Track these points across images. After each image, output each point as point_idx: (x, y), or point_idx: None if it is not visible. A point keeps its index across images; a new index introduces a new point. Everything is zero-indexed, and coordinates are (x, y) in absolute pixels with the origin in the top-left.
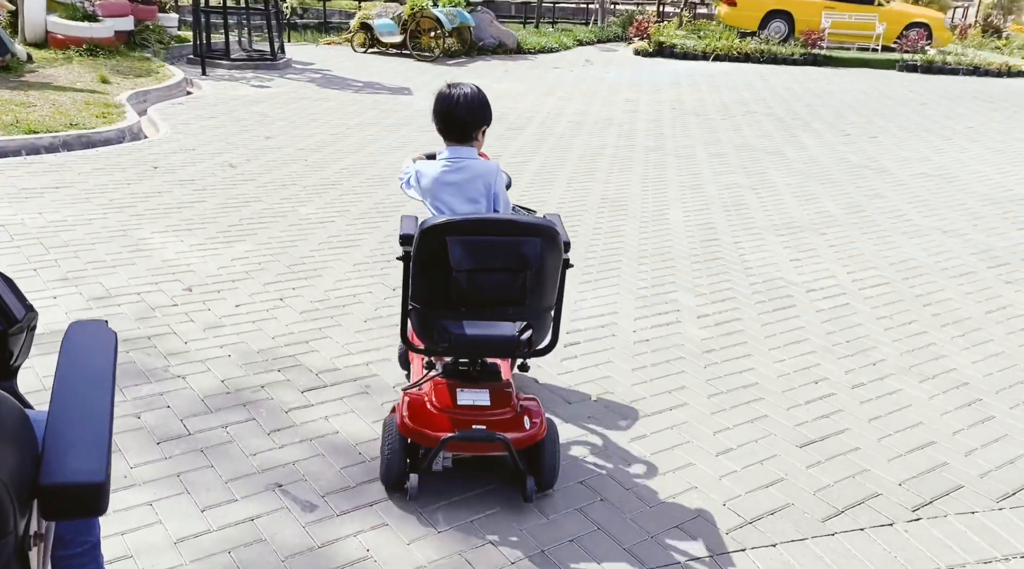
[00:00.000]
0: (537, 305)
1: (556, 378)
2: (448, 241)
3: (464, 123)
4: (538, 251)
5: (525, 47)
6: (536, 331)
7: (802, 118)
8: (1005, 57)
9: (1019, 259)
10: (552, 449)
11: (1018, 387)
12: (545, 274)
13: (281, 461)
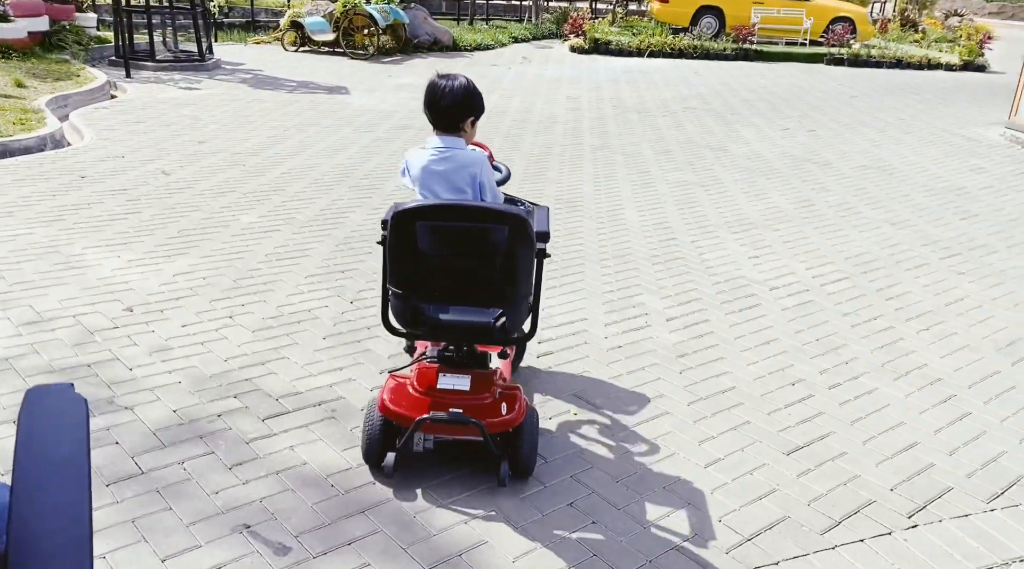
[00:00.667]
0: (511, 293)
1: (531, 394)
2: (417, 226)
3: (450, 113)
4: (506, 238)
5: (461, 44)
6: (511, 318)
7: (741, 113)
8: (924, 50)
9: (967, 249)
10: (529, 436)
11: (989, 381)
12: (516, 262)
13: (247, 498)
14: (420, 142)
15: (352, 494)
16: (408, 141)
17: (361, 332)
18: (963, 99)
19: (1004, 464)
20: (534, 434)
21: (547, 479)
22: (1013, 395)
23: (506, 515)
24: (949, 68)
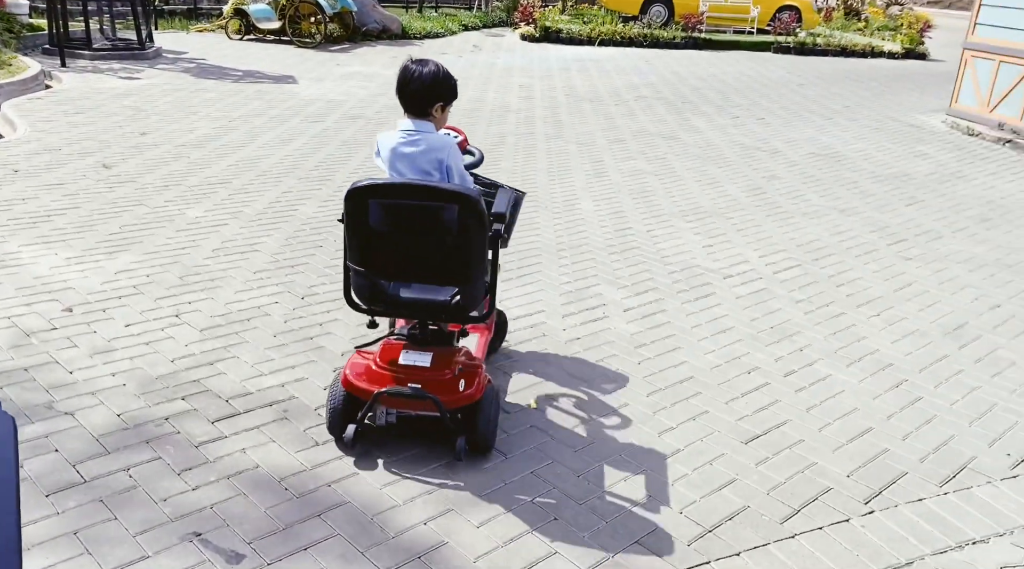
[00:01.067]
0: (464, 271)
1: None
2: (371, 204)
3: (418, 98)
4: (455, 217)
5: (410, 32)
6: (466, 297)
7: (691, 102)
8: (868, 38)
9: (913, 235)
10: (487, 413)
11: (937, 365)
12: (468, 241)
13: (197, 505)
14: (382, 128)
15: (307, 497)
16: (358, 131)
17: (313, 329)
18: (906, 86)
19: (955, 447)
20: (492, 410)
21: (507, 475)
22: (961, 379)
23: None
24: (891, 56)
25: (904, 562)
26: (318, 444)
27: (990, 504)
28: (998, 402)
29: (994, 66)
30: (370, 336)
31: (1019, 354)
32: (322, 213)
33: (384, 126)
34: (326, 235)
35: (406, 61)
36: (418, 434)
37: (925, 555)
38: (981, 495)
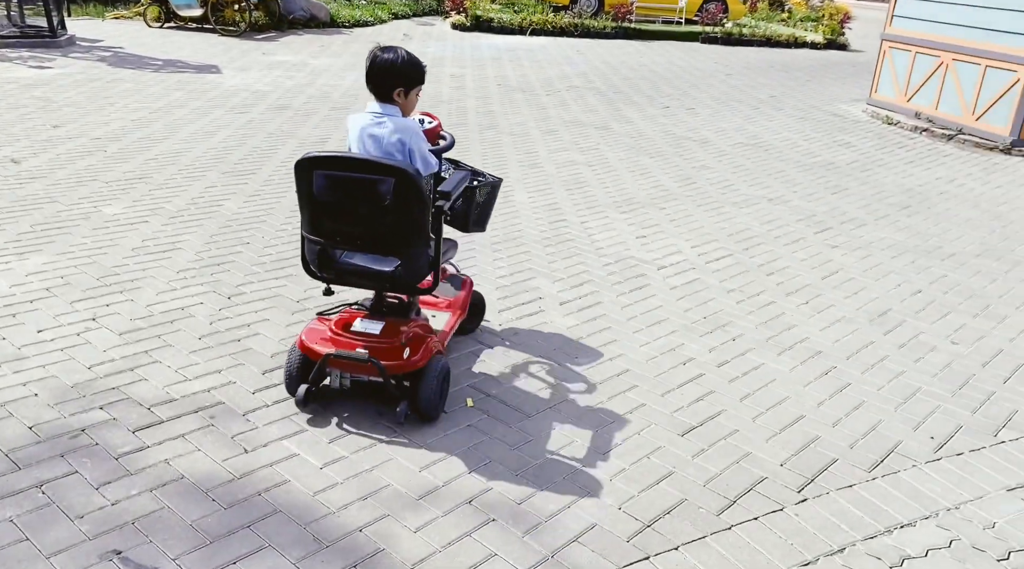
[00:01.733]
0: (403, 243)
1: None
2: (314, 174)
3: (376, 83)
4: (391, 189)
5: (339, 20)
6: (407, 269)
7: (623, 92)
8: (791, 29)
9: (839, 222)
10: (430, 381)
11: (864, 351)
12: (407, 213)
13: (117, 521)
14: (309, 119)
15: (237, 507)
16: (285, 122)
17: (241, 330)
18: (828, 76)
19: (882, 432)
20: (436, 380)
21: (444, 476)
22: (887, 364)
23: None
24: (814, 46)
25: (836, 549)
26: (247, 451)
27: (916, 487)
28: (921, 386)
29: (911, 57)
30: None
31: (940, 339)
32: (248, 208)
33: (311, 117)
34: (253, 231)
35: (373, 49)
36: (371, 397)
37: (856, 541)
38: (908, 479)
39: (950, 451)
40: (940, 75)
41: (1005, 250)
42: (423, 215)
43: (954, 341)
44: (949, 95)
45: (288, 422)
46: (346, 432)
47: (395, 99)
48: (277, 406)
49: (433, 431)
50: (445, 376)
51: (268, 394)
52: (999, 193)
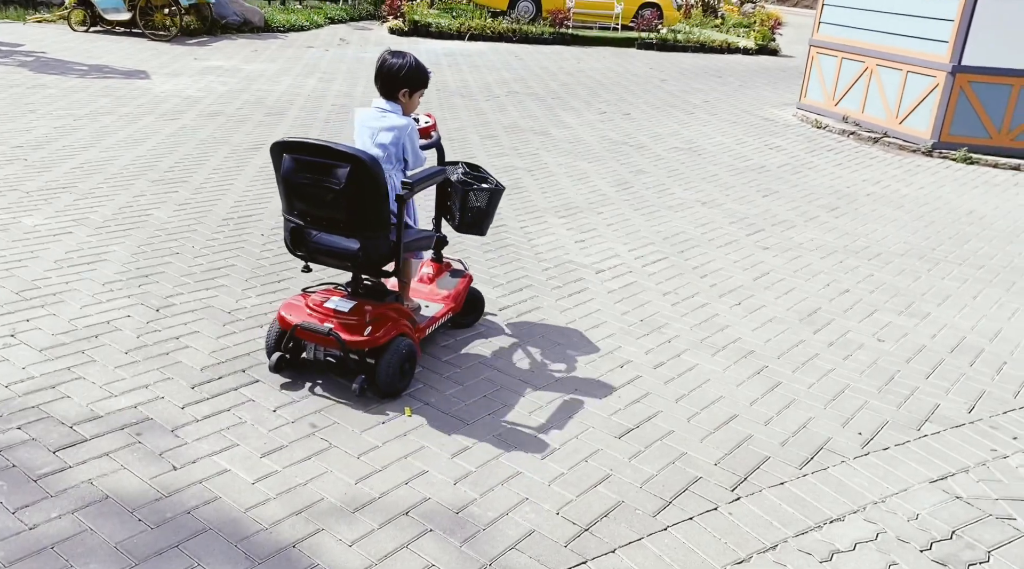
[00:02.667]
0: (362, 225)
1: (357, 397)
2: (284, 157)
3: (386, 83)
4: (346, 174)
5: (273, 25)
6: (368, 249)
7: (561, 97)
8: (724, 35)
9: (770, 225)
10: (390, 359)
11: (794, 351)
12: (362, 198)
13: (36, 545)
14: (243, 125)
15: (165, 526)
16: (218, 129)
17: (170, 343)
18: (760, 81)
19: (812, 429)
20: (395, 359)
21: (380, 486)
22: (816, 362)
23: None
24: (746, 52)
25: (769, 546)
26: (176, 468)
27: (845, 482)
28: (849, 383)
29: (837, 62)
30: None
31: (866, 336)
32: (178, 218)
33: (244, 123)
34: (183, 241)
35: (383, 52)
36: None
37: (788, 537)
38: (837, 474)
39: (877, 446)
40: (865, 80)
41: (927, 249)
42: (378, 200)
43: (880, 339)
44: (874, 99)
45: (219, 437)
46: (280, 446)
47: (399, 99)
48: (208, 421)
49: (370, 442)
50: (408, 357)
51: (198, 409)
52: (922, 194)
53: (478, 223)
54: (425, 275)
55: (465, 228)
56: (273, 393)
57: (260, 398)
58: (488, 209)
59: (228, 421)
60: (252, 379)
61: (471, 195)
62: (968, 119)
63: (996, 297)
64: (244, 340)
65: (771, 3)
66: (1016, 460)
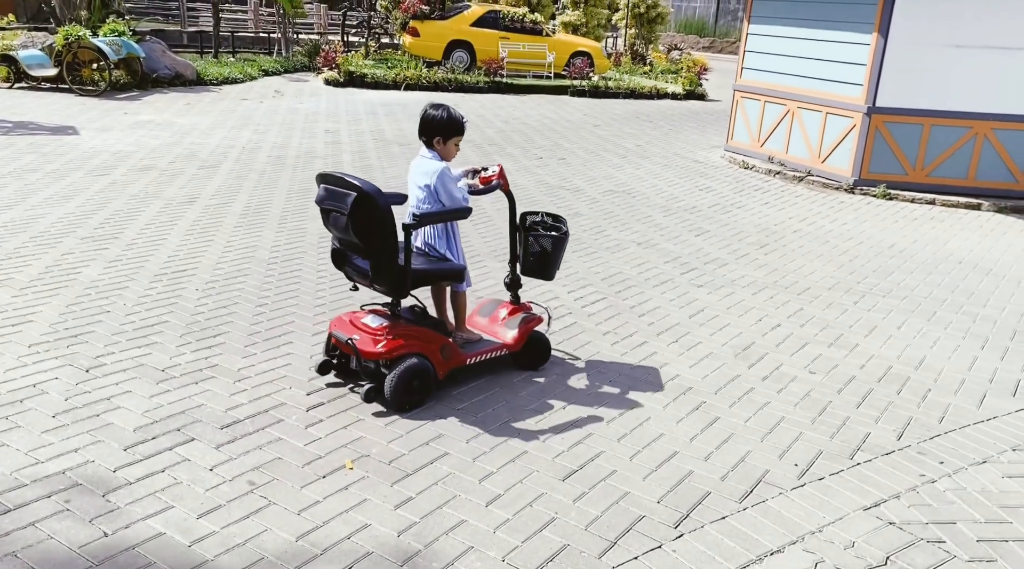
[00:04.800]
0: (369, 247)
1: (304, 449)
2: (320, 186)
3: (423, 133)
4: (351, 202)
5: (206, 78)
6: (375, 270)
7: (497, 143)
8: (654, 81)
9: (703, 263)
10: (397, 373)
11: (731, 385)
12: (368, 223)
13: None
14: (176, 178)
15: None
16: (150, 183)
17: (100, 404)
18: (689, 125)
19: (751, 462)
20: (400, 374)
21: (322, 542)
22: (752, 396)
23: None
24: (675, 97)
25: None
26: (107, 534)
27: (783, 514)
28: (784, 415)
29: (761, 105)
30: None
31: (799, 369)
32: (109, 275)
33: (178, 177)
34: (114, 299)
35: (426, 104)
36: None
37: None
38: (775, 506)
39: (812, 476)
40: (788, 122)
41: (853, 283)
42: (381, 228)
43: (812, 371)
44: (797, 140)
45: (154, 499)
46: (217, 505)
47: (435, 146)
48: (141, 483)
49: (310, 497)
50: (417, 375)
51: (131, 471)
52: (845, 229)
53: (541, 268)
54: (501, 314)
55: (529, 271)
56: (210, 452)
57: (196, 457)
58: (551, 255)
59: (163, 482)
60: (187, 438)
61: (532, 240)
62: (885, 157)
63: (919, 327)
64: (179, 398)
65: (697, 50)
66: (943, 484)
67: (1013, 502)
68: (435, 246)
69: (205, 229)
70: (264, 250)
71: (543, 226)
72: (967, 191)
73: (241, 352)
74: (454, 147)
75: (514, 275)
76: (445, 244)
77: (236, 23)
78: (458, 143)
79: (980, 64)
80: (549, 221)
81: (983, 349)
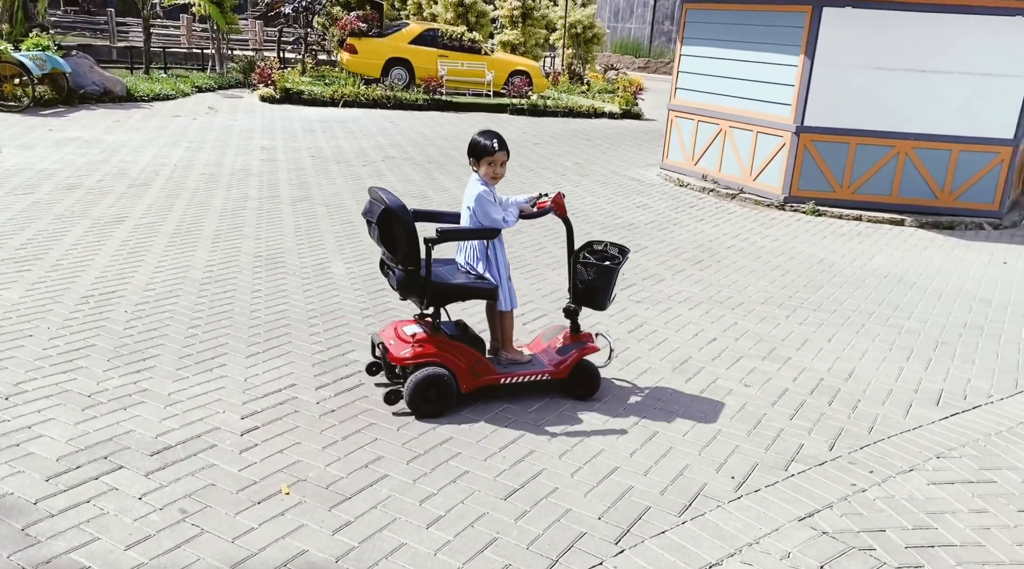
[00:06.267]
0: (396, 257)
1: (238, 475)
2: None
3: (469, 157)
4: (379, 213)
5: (136, 94)
6: (399, 280)
7: (437, 161)
8: (591, 101)
9: (641, 279)
10: (414, 379)
11: (669, 400)
12: (393, 234)
13: None
14: (104, 197)
15: None
16: (76, 202)
17: (21, 433)
18: (626, 144)
19: (689, 476)
20: (416, 380)
21: None
22: (690, 410)
23: None
24: (612, 116)
25: None
26: None
27: (721, 527)
28: (721, 429)
29: (695, 125)
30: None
31: (734, 382)
32: (31, 298)
33: (106, 196)
34: (37, 323)
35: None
36: None
37: None
38: (713, 519)
39: (749, 488)
40: (720, 141)
41: (785, 297)
42: (402, 241)
43: (747, 384)
44: (729, 158)
45: (78, 531)
46: (147, 536)
47: (475, 169)
48: (64, 515)
49: (245, 524)
50: (434, 385)
51: (53, 502)
52: (777, 245)
53: (590, 297)
54: (559, 340)
55: (578, 300)
56: (139, 480)
57: (124, 486)
58: (599, 285)
59: (88, 513)
60: (115, 466)
61: (581, 268)
62: (814, 175)
63: (848, 339)
64: (106, 424)
65: (633, 70)
66: (873, 493)
67: (938, 508)
68: (474, 266)
69: (135, 249)
70: (197, 270)
71: (602, 255)
72: (891, 207)
73: (172, 375)
74: (490, 167)
75: (570, 303)
76: (484, 265)
77: (168, 38)
78: (493, 163)
79: (900, 85)
80: (610, 251)
81: (908, 360)
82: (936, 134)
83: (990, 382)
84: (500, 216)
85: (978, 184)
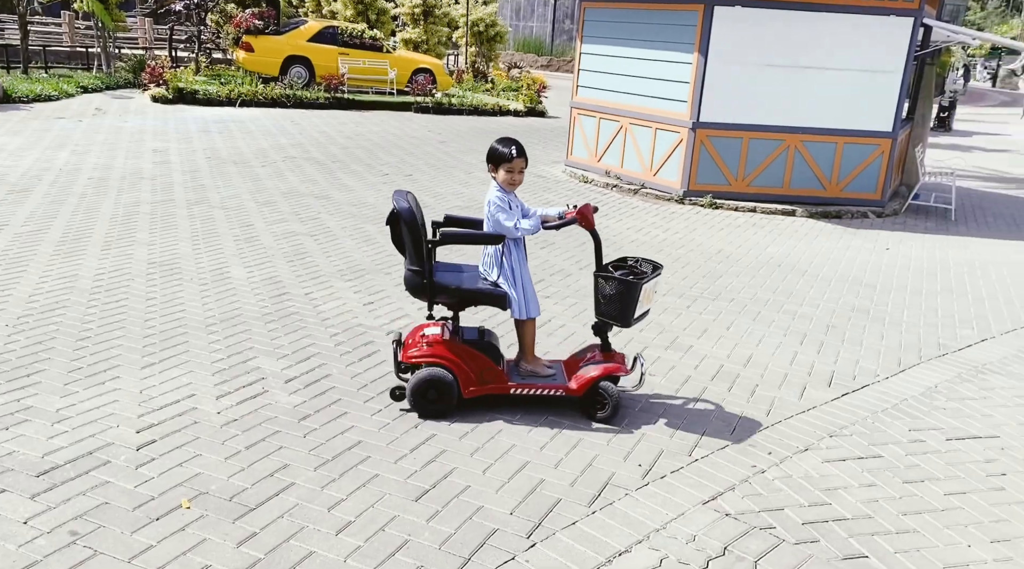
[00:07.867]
0: (407, 257)
1: (134, 491)
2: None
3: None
4: (388, 215)
5: (15, 95)
6: (406, 279)
7: (341, 161)
8: (496, 98)
9: (549, 275)
10: (415, 377)
11: None
12: (400, 237)
13: None
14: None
15: None
16: None
17: None
18: (531, 141)
19: (598, 466)
20: (416, 381)
21: None
22: None
23: None
24: (517, 114)
25: None
26: None
27: (629, 514)
28: (628, 418)
29: (596, 122)
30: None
31: (637, 372)
32: None
33: None
34: None
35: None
36: None
37: None
38: (622, 508)
39: (655, 475)
40: (621, 137)
41: (686, 288)
42: (407, 241)
43: (652, 373)
44: (630, 155)
45: None
46: (33, 562)
47: (493, 175)
48: None
49: (143, 542)
50: (433, 386)
51: None
52: (678, 238)
53: (611, 312)
54: (583, 356)
55: (600, 315)
56: (24, 503)
57: (7, 510)
58: (620, 300)
59: None
60: None
61: (601, 282)
62: (710, 169)
63: (745, 327)
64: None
65: (536, 68)
66: (772, 473)
67: (832, 485)
68: (489, 272)
69: (16, 259)
70: (86, 279)
71: (630, 271)
72: (783, 199)
73: (60, 391)
74: (508, 174)
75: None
76: (498, 272)
77: (48, 36)
78: (512, 170)
79: (788, 82)
80: (643, 267)
81: (802, 344)
82: (822, 128)
83: (876, 362)
84: (511, 224)
85: (862, 175)
